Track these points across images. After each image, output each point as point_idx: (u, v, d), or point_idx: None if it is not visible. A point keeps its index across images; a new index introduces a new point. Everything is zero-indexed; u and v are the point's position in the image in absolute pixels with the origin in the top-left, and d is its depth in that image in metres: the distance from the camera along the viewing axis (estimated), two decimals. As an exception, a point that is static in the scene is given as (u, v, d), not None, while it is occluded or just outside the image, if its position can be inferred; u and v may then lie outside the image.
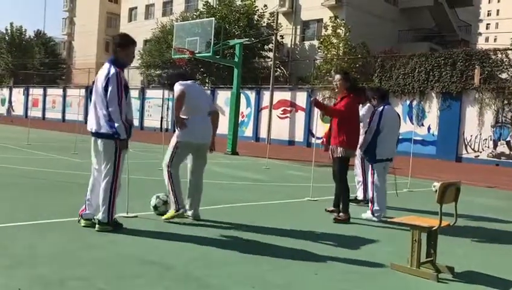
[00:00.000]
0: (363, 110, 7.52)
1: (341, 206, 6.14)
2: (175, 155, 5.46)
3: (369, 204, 6.52)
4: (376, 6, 31.59)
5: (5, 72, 50.21)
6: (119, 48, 4.77)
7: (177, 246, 4.34)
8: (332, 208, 6.50)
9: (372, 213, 6.41)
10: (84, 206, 4.82)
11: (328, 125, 6.70)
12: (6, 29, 51.95)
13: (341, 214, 6.09)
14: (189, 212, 5.55)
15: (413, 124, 21.62)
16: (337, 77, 6.27)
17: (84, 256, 3.89)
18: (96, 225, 4.67)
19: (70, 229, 4.72)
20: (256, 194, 8.15)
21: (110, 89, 4.53)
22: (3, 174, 8.21)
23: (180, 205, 5.40)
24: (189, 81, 5.53)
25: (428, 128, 21.97)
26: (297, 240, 4.95)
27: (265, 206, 7.17)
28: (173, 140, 5.47)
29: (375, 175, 6.49)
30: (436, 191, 3.89)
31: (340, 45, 27.03)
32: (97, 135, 4.66)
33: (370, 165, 6.65)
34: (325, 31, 27.97)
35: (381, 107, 6.60)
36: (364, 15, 29.95)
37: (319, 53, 29.00)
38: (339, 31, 27.19)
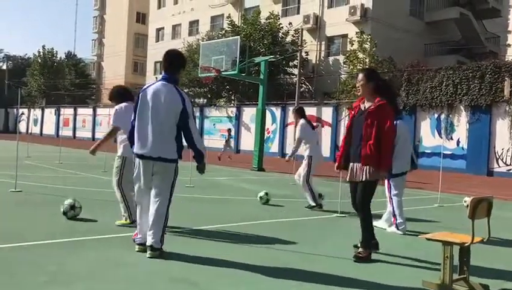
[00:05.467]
0: None
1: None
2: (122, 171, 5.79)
3: (392, 218, 6.63)
4: (401, 20, 31.43)
5: (37, 93, 51.74)
6: (182, 68, 4.77)
7: (203, 263, 4.37)
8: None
9: (397, 227, 6.53)
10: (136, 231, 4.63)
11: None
12: (39, 52, 53.66)
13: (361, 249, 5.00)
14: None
15: (441, 137, 21.26)
16: (360, 76, 5.16)
17: (116, 273, 3.96)
18: (150, 252, 4.44)
19: (102, 246, 4.81)
20: (284, 211, 8.14)
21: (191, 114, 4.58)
22: (37, 193, 8.43)
23: (133, 216, 5.54)
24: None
25: (458, 142, 21.57)
26: (325, 256, 4.92)
27: (294, 222, 7.15)
28: None
29: (393, 189, 6.60)
30: (468, 206, 3.83)
31: (367, 60, 26.94)
32: (164, 160, 4.51)
33: (386, 180, 6.64)
34: (351, 46, 27.95)
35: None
36: (389, 29, 29.82)
37: (344, 68, 28.96)
38: (365, 46, 27.13)
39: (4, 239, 4.86)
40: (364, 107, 5.05)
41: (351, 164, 5.07)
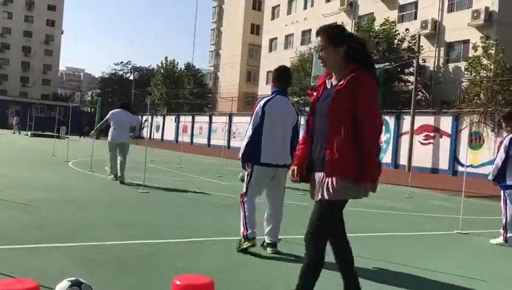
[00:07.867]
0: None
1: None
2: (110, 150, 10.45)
3: (502, 231, 6.50)
4: (533, 22, 28.70)
5: (160, 101, 55.75)
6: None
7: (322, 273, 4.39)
8: None
9: (505, 240, 6.44)
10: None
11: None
12: (162, 63, 57.92)
13: None
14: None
15: None
16: (318, 39, 3.23)
17: (237, 274, 4.15)
18: (273, 249, 4.91)
19: (223, 247, 5.07)
20: (400, 224, 7.89)
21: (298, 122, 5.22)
22: (163, 194, 9.09)
23: (113, 172, 10.36)
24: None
25: None
26: (450, 275, 4.68)
27: (409, 237, 6.90)
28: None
29: (508, 202, 6.45)
30: None
31: (491, 66, 25.00)
32: (287, 166, 4.98)
33: (502, 192, 6.60)
34: (474, 52, 26.15)
35: (510, 135, 6.62)
36: (519, 32, 27.38)
37: (466, 75, 27.17)
38: (490, 51, 25.22)
39: (142, 236, 5.35)
40: (331, 84, 3.23)
41: (315, 173, 3.21)
